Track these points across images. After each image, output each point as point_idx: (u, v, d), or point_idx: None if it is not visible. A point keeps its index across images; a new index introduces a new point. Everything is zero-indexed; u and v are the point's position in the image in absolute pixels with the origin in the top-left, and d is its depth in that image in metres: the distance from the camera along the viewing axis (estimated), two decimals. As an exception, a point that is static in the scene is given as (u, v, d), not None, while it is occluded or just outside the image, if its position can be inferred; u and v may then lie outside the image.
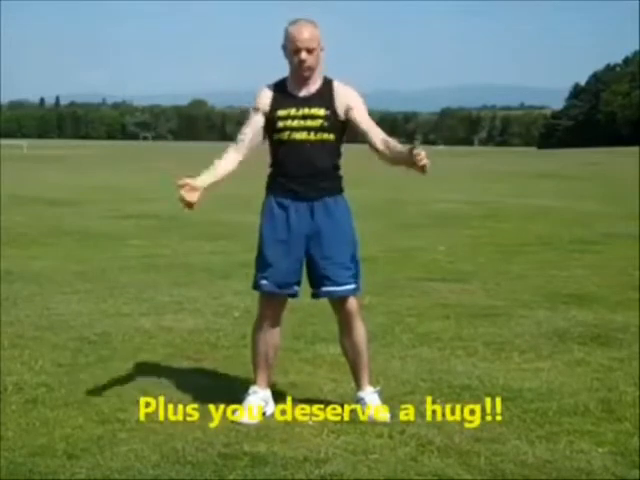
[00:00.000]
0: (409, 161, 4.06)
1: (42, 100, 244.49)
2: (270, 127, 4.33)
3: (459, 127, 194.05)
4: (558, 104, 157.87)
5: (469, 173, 36.93)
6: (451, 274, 9.08)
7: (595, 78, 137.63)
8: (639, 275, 8.87)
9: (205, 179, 4.28)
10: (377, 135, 4.31)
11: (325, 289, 4.38)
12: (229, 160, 4.38)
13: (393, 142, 4.27)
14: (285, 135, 4.29)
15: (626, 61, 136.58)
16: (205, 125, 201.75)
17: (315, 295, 4.47)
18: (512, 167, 43.45)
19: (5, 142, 78.94)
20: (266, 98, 4.34)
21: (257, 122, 4.35)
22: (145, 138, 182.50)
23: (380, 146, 4.27)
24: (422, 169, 4.02)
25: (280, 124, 4.29)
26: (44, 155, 58.20)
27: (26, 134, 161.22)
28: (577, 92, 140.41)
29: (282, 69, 4.33)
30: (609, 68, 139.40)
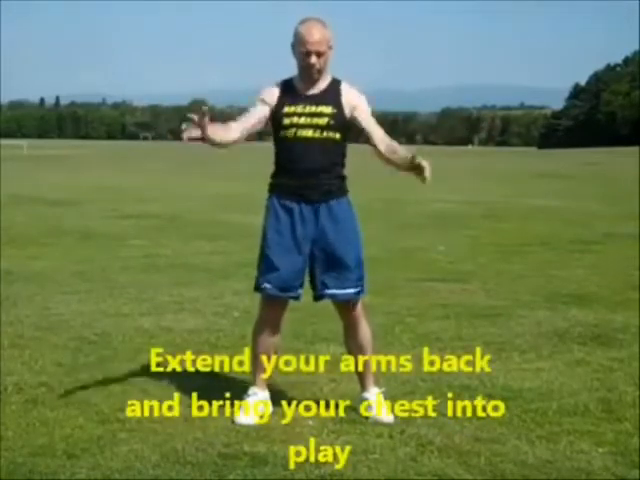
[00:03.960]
0: (409, 168, 4.09)
1: (42, 100, 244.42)
2: (276, 124, 4.29)
3: (459, 127, 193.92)
4: (558, 104, 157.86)
5: (469, 173, 36.91)
6: (451, 274, 9.08)
7: (595, 78, 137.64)
8: (639, 275, 8.87)
9: (214, 131, 4.15)
10: (380, 137, 4.28)
11: (329, 292, 4.36)
12: (230, 132, 4.26)
13: (395, 145, 4.25)
14: (291, 132, 4.25)
15: (626, 61, 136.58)
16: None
17: (318, 298, 4.43)
18: (512, 167, 43.41)
19: (5, 142, 78.90)
20: (274, 93, 4.29)
21: (262, 111, 4.29)
22: (145, 138, 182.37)
23: (382, 148, 4.25)
24: (424, 180, 4.04)
25: (286, 121, 4.24)
26: (44, 155, 58.17)
27: (26, 134, 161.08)
28: (577, 92, 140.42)
29: (282, 69, 4.32)
30: (609, 68, 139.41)
